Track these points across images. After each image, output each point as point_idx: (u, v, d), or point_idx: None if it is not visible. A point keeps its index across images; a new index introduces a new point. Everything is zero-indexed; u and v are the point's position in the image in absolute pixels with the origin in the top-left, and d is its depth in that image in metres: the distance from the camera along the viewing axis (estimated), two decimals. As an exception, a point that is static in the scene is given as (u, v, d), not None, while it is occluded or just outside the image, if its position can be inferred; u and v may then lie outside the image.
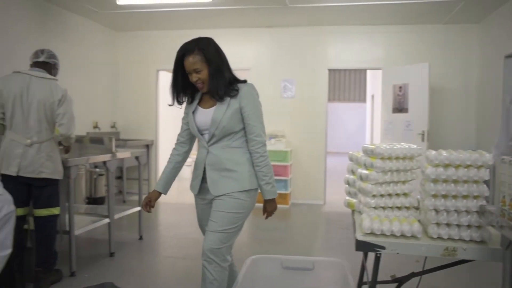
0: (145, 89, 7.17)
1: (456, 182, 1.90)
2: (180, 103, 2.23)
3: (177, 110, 2.32)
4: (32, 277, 3.15)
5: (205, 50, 2.07)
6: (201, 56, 2.06)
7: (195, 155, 2.29)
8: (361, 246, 1.89)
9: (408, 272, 2.35)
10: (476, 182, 1.89)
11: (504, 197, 1.61)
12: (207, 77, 2.08)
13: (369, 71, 11.48)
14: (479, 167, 1.88)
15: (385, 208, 2.11)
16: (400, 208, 2.14)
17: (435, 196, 1.93)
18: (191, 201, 2.35)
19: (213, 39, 2.17)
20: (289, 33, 6.66)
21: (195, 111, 2.20)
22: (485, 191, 1.88)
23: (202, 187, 2.22)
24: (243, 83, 2.18)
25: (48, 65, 3.20)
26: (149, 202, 2.24)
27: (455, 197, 1.91)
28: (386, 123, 6.28)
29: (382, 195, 2.10)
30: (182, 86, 2.17)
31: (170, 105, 2.25)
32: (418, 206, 2.20)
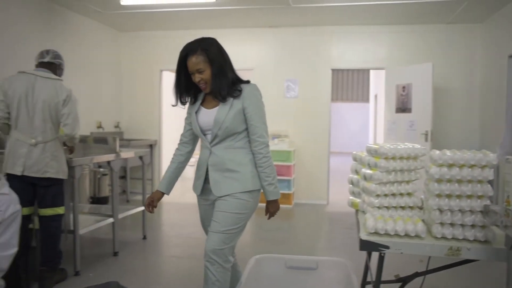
0: (148, 89, 7.19)
1: (460, 182, 1.91)
2: (183, 103, 2.22)
3: (180, 110, 2.32)
4: (37, 276, 3.16)
5: (208, 50, 2.07)
6: (204, 56, 2.05)
7: (198, 155, 2.29)
8: (365, 245, 1.89)
9: (412, 272, 2.35)
10: (480, 182, 1.89)
11: (509, 197, 1.62)
12: (210, 77, 2.08)
13: (372, 71, 11.48)
14: (483, 167, 1.88)
15: (389, 207, 2.12)
16: (404, 207, 2.15)
17: (439, 195, 1.93)
18: (194, 201, 2.35)
19: (216, 39, 2.17)
20: (292, 33, 6.67)
21: (198, 111, 2.19)
22: (489, 191, 1.88)
23: (204, 187, 2.22)
24: (246, 84, 2.17)
25: (53, 65, 3.21)
26: (152, 202, 2.24)
27: (459, 196, 1.91)
28: (389, 123, 6.27)
29: (386, 195, 2.11)
30: (185, 86, 2.17)
31: (173, 106, 2.25)
32: (422, 206, 2.20)
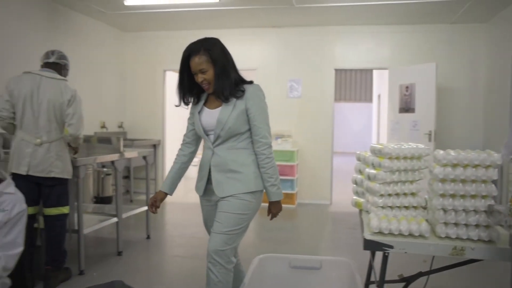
0: (152, 89, 7.21)
1: (464, 181, 1.91)
2: (186, 103, 2.22)
3: (184, 110, 2.32)
4: (42, 275, 3.18)
5: (211, 50, 2.06)
6: (207, 56, 2.05)
7: (201, 156, 2.29)
8: (369, 245, 1.90)
9: (415, 272, 2.35)
10: (485, 181, 1.89)
11: (513, 196, 1.61)
12: (213, 77, 2.07)
13: (375, 71, 11.46)
14: (487, 167, 1.88)
15: (392, 207, 2.12)
16: (408, 207, 2.15)
17: (443, 195, 1.93)
18: (197, 201, 2.35)
19: (219, 40, 2.16)
20: (295, 33, 6.67)
21: (201, 112, 2.19)
22: (493, 190, 1.88)
23: (207, 188, 2.21)
24: (249, 84, 2.16)
25: (58, 65, 3.23)
26: (155, 202, 2.23)
27: (463, 196, 1.91)
28: (392, 123, 6.27)
29: (390, 195, 2.11)
30: (188, 86, 2.16)
31: (176, 106, 2.25)
32: (425, 205, 2.20)
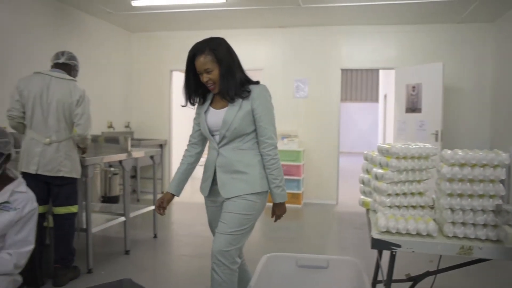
0: (158, 89, 7.25)
1: (472, 181, 1.91)
2: (192, 104, 2.21)
3: (190, 110, 2.31)
4: (51, 274, 3.22)
5: (216, 50, 2.05)
6: (212, 56, 2.04)
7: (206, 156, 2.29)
8: (377, 244, 1.90)
9: (421, 272, 2.35)
10: (492, 181, 1.90)
11: (521, 196, 1.62)
12: (218, 77, 2.06)
13: (381, 71, 11.43)
14: (495, 167, 1.88)
15: (400, 207, 2.12)
16: (415, 207, 2.15)
17: (450, 195, 1.93)
18: (204, 201, 2.35)
19: (225, 39, 2.15)
20: (302, 33, 6.67)
21: (206, 112, 2.18)
22: (501, 190, 1.88)
23: (212, 189, 2.20)
24: (255, 84, 2.15)
25: (68, 66, 3.27)
26: (162, 203, 2.22)
27: (471, 196, 1.91)
28: (399, 123, 6.26)
29: (397, 194, 2.12)
30: (194, 86, 2.16)
31: (183, 106, 2.25)
32: (433, 205, 2.20)
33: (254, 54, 6.74)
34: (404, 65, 6.25)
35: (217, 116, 2.13)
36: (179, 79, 7.10)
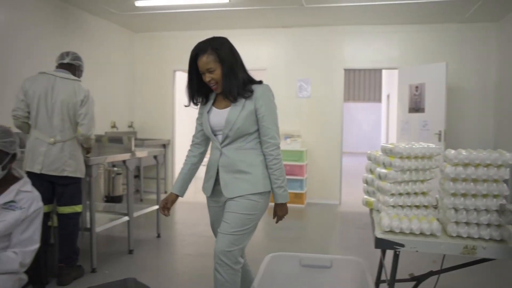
0: (162, 89, 7.27)
1: (475, 181, 1.91)
2: (196, 104, 2.20)
3: (193, 110, 2.30)
4: (55, 273, 3.24)
5: (219, 49, 2.04)
6: (215, 55, 2.03)
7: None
8: (381, 243, 1.90)
9: (424, 272, 2.35)
10: (496, 181, 1.89)
11: (525, 195, 1.62)
12: (221, 77, 2.05)
13: (384, 71, 11.42)
14: (499, 166, 1.88)
15: (403, 207, 2.12)
16: (419, 207, 2.15)
17: (454, 195, 1.93)
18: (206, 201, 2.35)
19: (227, 39, 2.14)
20: (305, 33, 6.68)
21: (209, 112, 2.17)
22: (505, 190, 1.88)
23: (215, 189, 2.19)
24: (258, 84, 2.14)
25: (73, 66, 3.29)
26: (166, 204, 2.21)
27: (475, 196, 1.91)
28: (402, 123, 6.25)
29: (401, 194, 2.12)
30: (197, 86, 2.15)
31: (186, 106, 2.24)
32: (436, 205, 2.21)
33: (257, 54, 6.75)
34: (407, 65, 6.24)
35: (219, 116, 2.12)
36: (182, 79, 7.11)
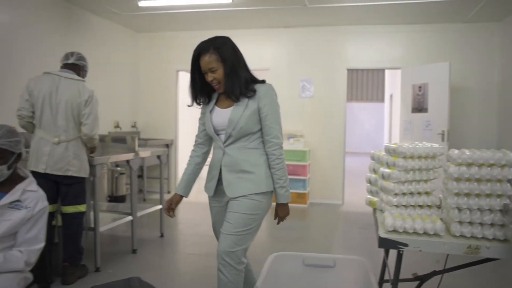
0: (165, 89, 7.28)
1: (479, 180, 1.91)
2: (198, 103, 2.20)
3: (196, 109, 2.30)
4: (60, 272, 3.26)
5: (221, 49, 2.03)
6: (217, 55, 2.02)
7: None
8: (384, 243, 1.91)
9: (427, 271, 2.35)
10: (500, 181, 1.90)
11: (528, 195, 1.62)
12: (223, 76, 2.05)
13: (387, 71, 11.41)
14: (502, 166, 1.88)
15: (407, 206, 2.13)
16: (422, 206, 2.15)
17: (457, 194, 1.94)
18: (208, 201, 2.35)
19: (230, 38, 2.13)
20: (308, 33, 6.68)
21: (212, 111, 2.17)
22: (508, 190, 1.88)
23: (217, 189, 2.19)
24: (261, 84, 2.14)
25: (77, 66, 3.31)
26: (171, 205, 2.22)
27: (478, 195, 1.91)
28: (405, 123, 6.25)
29: (404, 194, 2.12)
30: (200, 85, 2.14)
31: (189, 106, 2.24)
32: (440, 204, 2.21)
33: (260, 55, 6.76)
34: (410, 65, 6.24)
35: (222, 115, 2.12)
36: (185, 79, 7.13)
